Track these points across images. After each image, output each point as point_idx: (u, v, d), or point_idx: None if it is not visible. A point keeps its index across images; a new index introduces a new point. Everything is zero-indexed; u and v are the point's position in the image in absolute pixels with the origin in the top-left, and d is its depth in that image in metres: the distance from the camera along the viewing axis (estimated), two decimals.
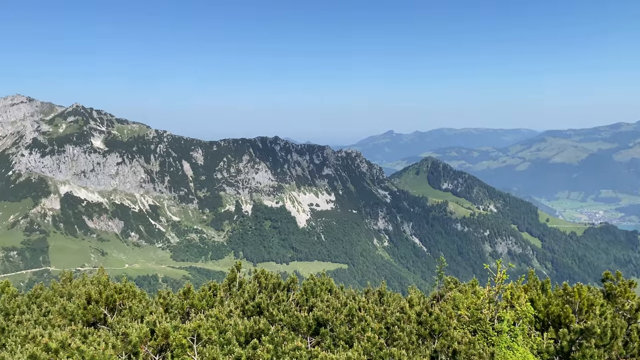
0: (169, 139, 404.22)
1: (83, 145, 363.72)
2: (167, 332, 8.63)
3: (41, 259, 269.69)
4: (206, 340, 9.09)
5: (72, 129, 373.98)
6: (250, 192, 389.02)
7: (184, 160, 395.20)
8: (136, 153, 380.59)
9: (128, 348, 8.05)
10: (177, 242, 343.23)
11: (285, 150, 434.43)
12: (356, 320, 12.26)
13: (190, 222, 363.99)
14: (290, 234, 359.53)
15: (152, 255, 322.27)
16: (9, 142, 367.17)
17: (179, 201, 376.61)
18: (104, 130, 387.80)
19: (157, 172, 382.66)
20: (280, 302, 13.70)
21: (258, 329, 10.35)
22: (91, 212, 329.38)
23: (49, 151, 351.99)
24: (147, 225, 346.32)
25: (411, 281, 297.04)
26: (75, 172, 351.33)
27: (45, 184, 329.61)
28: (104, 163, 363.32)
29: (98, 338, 8.42)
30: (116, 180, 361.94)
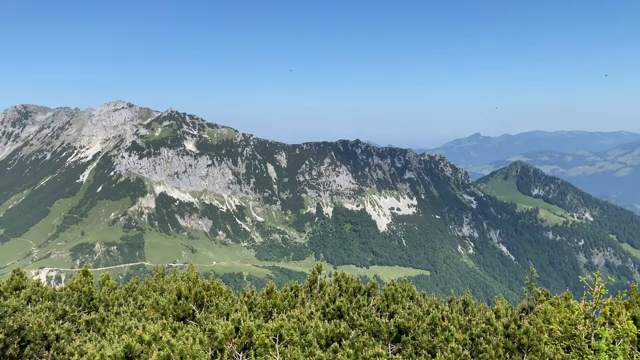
0: (255, 142, 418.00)
1: (176, 148, 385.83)
2: (250, 331, 8.82)
3: (137, 254, 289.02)
4: (288, 341, 9.18)
5: (167, 133, 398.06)
6: (331, 195, 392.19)
7: (269, 162, 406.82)
8: (224, 156, 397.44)
9: (214, 344, 8.31)
10: (261, 242, 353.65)
11: (366, 154, 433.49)
12: (439, 330, 11.87)
13: (273, 222, 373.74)
14: (370, 237, 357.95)
15: (237, 253, 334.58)
16: (112, 145, 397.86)
17: (263, 202, 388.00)
18: (196, 134, 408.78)
19: (243, 174, 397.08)
20: (360, 306, 13.58)
21: (339, 333, 10.31)
22: (183, 211, 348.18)
23: (146, 153, 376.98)
24: (233, 224, 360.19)
25: (497, 291, 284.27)
26: (169, 173, 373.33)
27: (142, 184, 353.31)
28: (195, 165, 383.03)
29: (187, 333, 8.79)
30: (206, 181, 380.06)
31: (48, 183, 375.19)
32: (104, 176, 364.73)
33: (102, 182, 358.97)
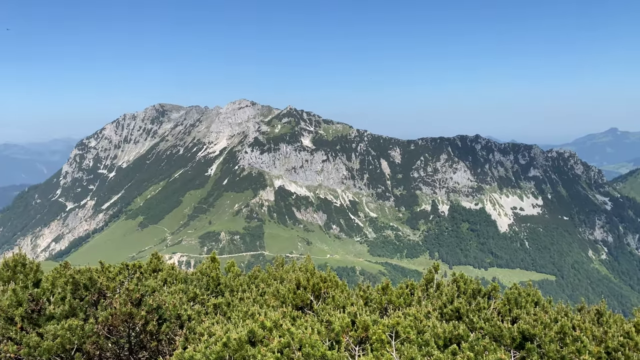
0: (369, 138, 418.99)
1: (294, 143, 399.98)
2: (367, 325, 8.82)
3: (258, 243, 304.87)
4: (404, 339, 9.04)
5: (286, 129, 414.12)
6: (447, 192, 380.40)
7: (382, 158, 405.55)
8: (339, 151, 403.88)
9: (331, 335, 8.43)
10: (374, 238, 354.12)
11: (486, 150, 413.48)
12: (569, 340, 10.94)
13: (386, 219, 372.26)
14: (489, 238, 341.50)
15: (350, 248, 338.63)
16: (236, 141, 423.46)
17: (377, 198, 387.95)
18: (312, 130, 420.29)
19: (357, 170, 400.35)
20: (480, 309, 12.97)
21: (457, 335, 9.94)
22: (299, 205, 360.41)
23: (267, 149, 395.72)
24: (347, 219, 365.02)
25: (635, 302, 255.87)
26: (287, 168, 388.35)
27: (263, 178, 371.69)
28: (311, 160, 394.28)
29: (305, 322, 9.01)
30: (321, 176, 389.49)
31: (180, 176, 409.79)
32: (229, 170, 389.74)
33: (227, 176, 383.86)
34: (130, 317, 9.49)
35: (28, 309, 9.77)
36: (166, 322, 10.07)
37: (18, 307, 9.67)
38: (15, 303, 9.69)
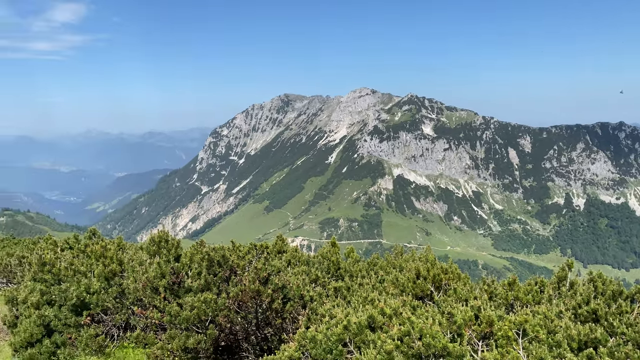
0: (496, 125, 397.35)
1: (414, 131, 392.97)
2: (491, 320, 8.44)
3: (375, 232, 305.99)
4: (532, 337, 8.51)
5: (406, 117, 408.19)
6: (584, 185, 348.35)
7: (510, 147, 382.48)
8: (462, 139, 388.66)
9: (453, 328, 8.20)
10: (499, 231, 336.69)
11: (632, 138, 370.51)
12: None
13: (513, 211, 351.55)
14: (632, 236, 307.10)
15: (472, 240, 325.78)
16: (356, 129, 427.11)
17: (503, 189, 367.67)
18: (434, 118, 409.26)
19: (481, 159, 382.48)
20: (622, 312, 11.74)
21: (594, 338, 9.11)
22: (418, 194, 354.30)
23: (386, 137, 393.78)
24: (469, 210, 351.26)
25: None
26: (407, 156, 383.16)
27: (382, 166, 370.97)
28: (432, 149, 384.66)
29: (426, 313, 8.86)
30: (442, 165, 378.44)
31: (303, 163, 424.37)
32: (348, 158, 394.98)
33: (347, 164, 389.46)
34: (258, 294, 10.08)
35: (170, 281, 10.83)
36: (290, 301, 10.53)
37: (162, 278, 10.76)
38: (159, 275, 10.79)
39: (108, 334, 11.13)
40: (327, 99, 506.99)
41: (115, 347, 10.99)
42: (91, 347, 10.44)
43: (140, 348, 10.66)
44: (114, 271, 11.94)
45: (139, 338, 10.25)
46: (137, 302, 11.19)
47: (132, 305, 11.39)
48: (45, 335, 10.69)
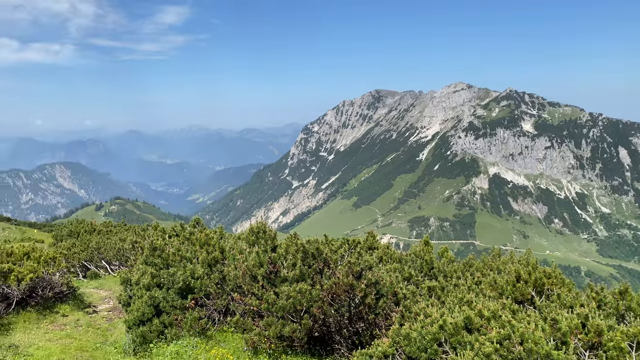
0: (605, 122, 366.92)
1: (513, 128, 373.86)
2: (600, 330, 7.88)
3: (468, 232, 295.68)
4: None
5: (504, 113, 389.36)
6: None
7: (621, 146, 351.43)
8: (566, 137, 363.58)
9: (557, 335, 7.77)
10: (605, 236, 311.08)
11: None
12: None
13: (622, 215, 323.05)
14: None
15: (575, 245, 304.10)
16: (449, 125, 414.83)
17: (611, 191, 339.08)
18: (534, 114, 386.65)
19: (587, 158, 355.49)
20: None
21: None
22: (516, 195, 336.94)
23: (482, 134, 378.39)
24: (572, 213, 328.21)
25: None
26: (504, 154, 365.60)
27: (477, 164, 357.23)
28: (532, 147, 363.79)
29: (527, 317, 8.48)
30: (543, 164, 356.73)
31: (392, 160, 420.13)
32: (441, 155, 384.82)
33: (439, 161, 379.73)
34: (351, 288, 10.20)
35: (267, 270, 11.27)
36: (383, 298, 10.54)
37: (260, 267, 11.22)
38: (258, 264, 11.26)
39: (210, 317, 11.82)
40: (419, 95, 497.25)
41: (216, 330, 11.64)
42: (195, 329, 11.14)
43: (239, 333, 11.20)
44: (216, 258, 12.64)
45: (238, 323, 10.78)
46: (237, 289, 11.76)
47: (232, 291, 11.99)
48: (154, 315, 11.58)
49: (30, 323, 13.42)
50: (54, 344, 11.83)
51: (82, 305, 16.16)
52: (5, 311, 13.42)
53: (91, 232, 34.57)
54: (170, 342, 10.93)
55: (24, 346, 11.43)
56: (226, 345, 10.93)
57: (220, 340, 11.19)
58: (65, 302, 15.69)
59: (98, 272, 24.18)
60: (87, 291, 18.54)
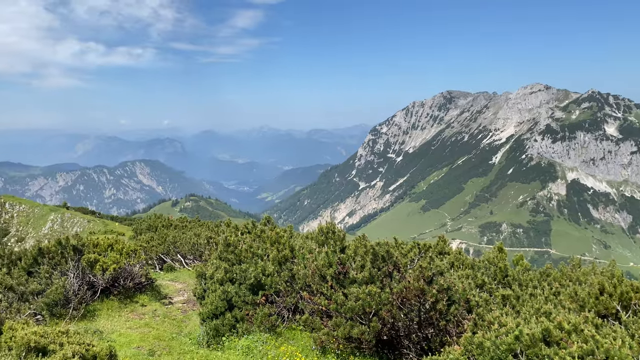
0: None
1: (595, 132, 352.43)
2: None
3: (543, 240, 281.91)
4: None
5: (585, 116, 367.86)
6: None
7: None
8: None
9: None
10: None
11: None
12: None
13: None
14: None
15: None
16: (525, 128, 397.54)
17: None
18: (619, 117, 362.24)
19: None
20: None
21: None
22: (597, 202, 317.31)
23: (560, 137, 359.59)
24: None
25: None
26: (584, 159, 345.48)
27: (554, 169, 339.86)
28: (615, 152, 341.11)
29: (613, 333, 7.96)
30: (628, 170, 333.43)
31: (464, 162, 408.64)
32: (515, 159, 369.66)
33: (512, 165, 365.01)
34: (422, 293, 10.01)
35: (336, 271, 11.31)
36: (455, 304, 10.27)
37: (329, 267, 11.29)
38: (327, 264, 11.33)
39: (279, 314, 12.04)
40: (493, 96, 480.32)
41: (285, 327, 11.84)
42: (265, 325, 11.39)
43: (307, 331, 11.32)
44: (286, 257, 12.86)
45: (307, 322, 10.89)
46: (306, 288, 11.90)
47: (301, 289, 12.15)
48: (227, 309, 11.95)
49: (113, 311, 14.27)
50: (134, 331, 12.52)
51: (159, 296, 16.97)
52: (91, 298, 14.38)
53: (168, 226, 36.28)
54: (242, 337, 11.24)
55: (107, 332, 12.18)
56: (295, 343, 11.08)
57: (289, 337, 11.36)
58: (143, 292, 16.56)
59: (173, 265, 25.30)
60: (164, 283, 19.44)
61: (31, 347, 7.88)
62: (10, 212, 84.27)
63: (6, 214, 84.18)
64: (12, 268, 14.60)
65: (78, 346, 8.40)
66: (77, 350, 8.15)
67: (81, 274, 14.56)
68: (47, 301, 12.63)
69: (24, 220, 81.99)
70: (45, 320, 12.39)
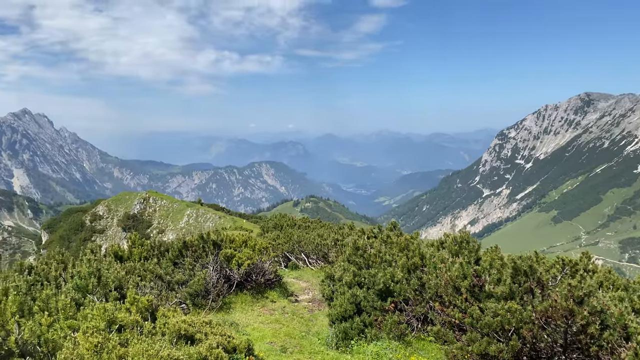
0: None
1: None
2: None
3: None
4: None
5: None
6: None
7: None
8: None
9: None
10: None
11: None
12: None
13: None
14: None
15: None
16: None
17: None
18: None
19: None
20: None
21: None
22: None
23: None
24: None
25: None
26: None
27: None
28: None
29: None
30: None
31: (603, 171, 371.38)
32: None
33: None
34: (570, 314, 9.11)
35: (471, 283, 10.74)
36: (609, 329, 9.20)
37: (464, 279, 10.76)
38: (461, 275, 10.81)
39: (409, 323, 11.75)
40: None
41: (414, 337, 11.52)
42: (394, 332, 11.17)
43: (438, 344, 10.90)
44: (416, 264, 12.53)
45: (439, 334, 10.49)
46: (437, 298, 11.48)
47: (430, 299, 11.75)
48: (355, 313, 11.95)
49: (246, 305, 15.02)
50: (266, 327, 13.03)
51: (286, 293, 17.54)
52: (227, 291, 15.27)
53: (292, 226, 37.63)
54: (370, 342, 11.14)
55: (242, 325, 12.82)
56: (425, 354, 10.73)
57: (419, 348, 11.03)
58: (272, 289, 17.23)
59: (297, 263, 26.10)
60: (289, 280, 20.07)
61: (181, 335, 8.50)
62: (154, 206, 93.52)
63: (150, 207, 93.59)
64: (160, 258, 16.04)
65: (220, 337, 8.89)
66: (220, 341, 8.63)
67: (219, 267, 15.55)
68: (190, 291, 13.64)
69: (164, 214, 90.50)
70: (189, 309, 13.39)
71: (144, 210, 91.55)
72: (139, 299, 9.20)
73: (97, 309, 8.40)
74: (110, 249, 16.00)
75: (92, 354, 7.06)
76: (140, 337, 7.92)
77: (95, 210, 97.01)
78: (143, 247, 16.52)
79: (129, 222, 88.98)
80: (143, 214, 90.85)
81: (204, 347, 7.89)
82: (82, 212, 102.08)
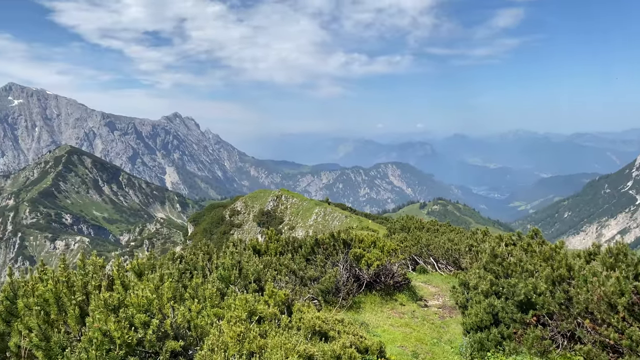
0: None
1: None
2: None
3: None
4: None
5: None
6: None
7: None
8: None
9: None
10: None
11: None
12: None
13: None
14: None
15: None
16: None
17: None
18: None
19: None
20: None
21: None
22: None
23: None
24: None
25: None
26: None
27: None
28: None
29: None
30: None
31: None
32: None
33: None
34: None
35: (630, 301, 9.54)
36: None
37: (621, 296, 9.60)
38: (618, 291, 9.66)
39: (553, 339, 10.81)
40: None
41: (559, 355, 10.57)
42: (537, 348, 10.36)
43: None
44: (562, 276, 11.48)
45: (590, 354, 9.49)
46: (587, 315, 10.40)
47: (579, 315, 10.68)
48: (492, 324, 11.28)
49: (375, 305, 14.99)
50: (396, 330, 12.87)
51: (415, 297, 17.19)
52: (357, 290, 15.39)
53: (420, 228, 36.87)
54: (509, 356, 10.45)
55: (372, 326, 12.81)
56: None
57: None
58: (401, 291, 17.00)
59: (425, 267, 25.48)
60: (417, 284, 19.65)
61: (315, 331, 8.70)
62: (285, 203, 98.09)
63: (282, 205, 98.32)
64: (294, 254, 16.68)
65: (352, 337, 8.94)
66: (352, 340, 8.68)
67: (349, 266, 15.73)
68: (322, 288, 13.98)
69: (294, 211, 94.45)
70: (321, 305, 13.73)
71: (277, 207, 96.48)
72: (276, 292, 9.62)
73: (240, 300, 8.92)
74: (249, 243, 17.03)
75: (235, 342, 7.52)
76: (277, 329, 8.26)
77: (234, 206, 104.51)
78: (278, 242, 17.32)
79: (263, 217, 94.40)
80: (276, 210, 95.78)
81: (337, 346, 7.98)
82: (223, 207, 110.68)
